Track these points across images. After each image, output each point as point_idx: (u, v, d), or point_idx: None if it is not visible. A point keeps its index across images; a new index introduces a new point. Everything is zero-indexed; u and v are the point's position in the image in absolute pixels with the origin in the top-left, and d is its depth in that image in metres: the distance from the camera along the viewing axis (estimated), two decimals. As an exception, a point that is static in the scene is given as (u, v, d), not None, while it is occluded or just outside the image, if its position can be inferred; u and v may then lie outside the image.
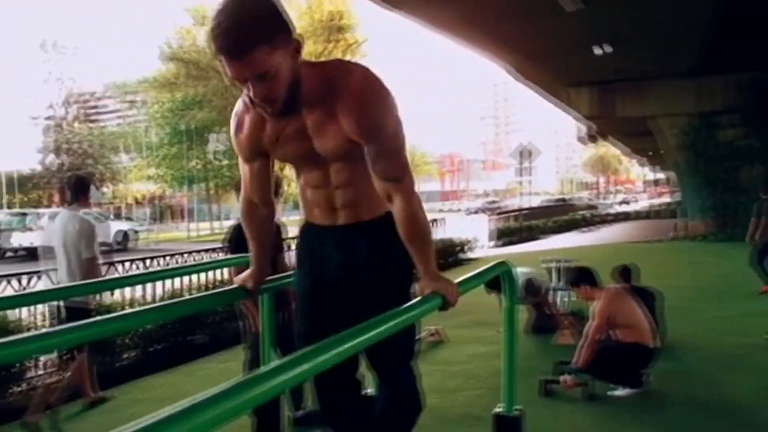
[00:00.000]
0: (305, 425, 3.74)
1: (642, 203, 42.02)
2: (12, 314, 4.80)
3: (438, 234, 12.70)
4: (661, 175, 50.53)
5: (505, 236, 16.27)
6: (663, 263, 10.55)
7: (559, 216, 21.65)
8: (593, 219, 23.60)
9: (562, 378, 4.07)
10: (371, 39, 22.86)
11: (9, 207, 35.45)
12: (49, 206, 35.38)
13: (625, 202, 46.52)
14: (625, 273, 5.03)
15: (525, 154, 17.86)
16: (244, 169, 1.70)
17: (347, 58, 21.09)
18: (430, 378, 4.62)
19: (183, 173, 27.14)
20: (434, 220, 13.72)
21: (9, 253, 18.55)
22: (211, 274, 6.29)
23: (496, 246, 15.42)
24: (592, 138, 22.37)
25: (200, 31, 21.30)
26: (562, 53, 12.69)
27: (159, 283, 5.81)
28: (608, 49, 11.65)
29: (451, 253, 11.46)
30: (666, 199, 38.90)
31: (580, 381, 3.99)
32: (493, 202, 52.27)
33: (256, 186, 1.72)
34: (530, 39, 11.79)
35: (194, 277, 6.32)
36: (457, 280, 1.88)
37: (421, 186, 62.23)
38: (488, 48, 13.44)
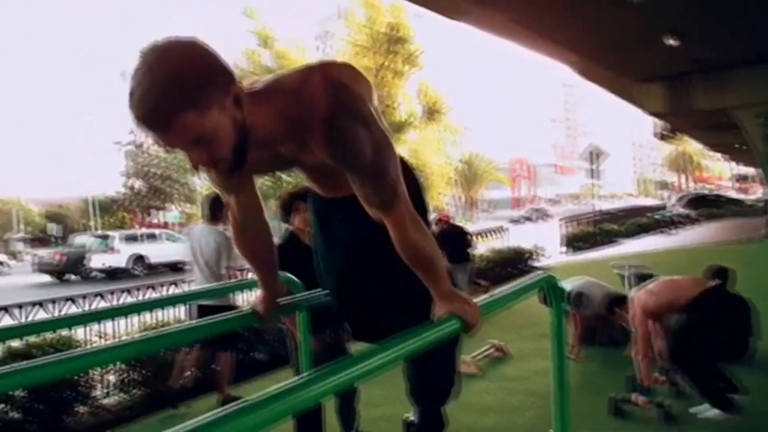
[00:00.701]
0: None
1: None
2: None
3: (504, 242, 12.35)
4: (751, 170, 47.53)
5: (578, 242, 15.64)
6: (754, 264, 9.75)
7: (637, 218, 20.65)
8: (675, 220, 22.34)
9: (633, 396, 3.73)
10: (430, 48, 22.73)
11: (95, 229, 37.43)
12: (131, 227, 37.20)
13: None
14: (720, 274, 4.50)
15: (595, 155, 17.15)
16: (225, 196, 1.58)
17: (406, 69, 21.10)
18: (491, 396, 4.40)
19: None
20: (499, 228, 13.36)
21: (93, 273, 19.53)
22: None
23: (568, 252, 14.82)
24: (665, 136, 21.27)
25: (264, 52, 21.81)
26: (628, 48, 12.10)
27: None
28: (678, 39, 10.98)
29: (519, 262, 11.06)
30: (758, 195, 36.44)
31: (653, 400, 3.65)
32: (539, 209, 49.70)
33: (243, 210, 1.57)
34: (592, 36, 11.31)
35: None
36: (494, 295, 1.71)
37: (489, 193, 61.30)
38: (549, 49, 13.04)
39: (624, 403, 3.74)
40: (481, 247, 11.15)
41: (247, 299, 5.08)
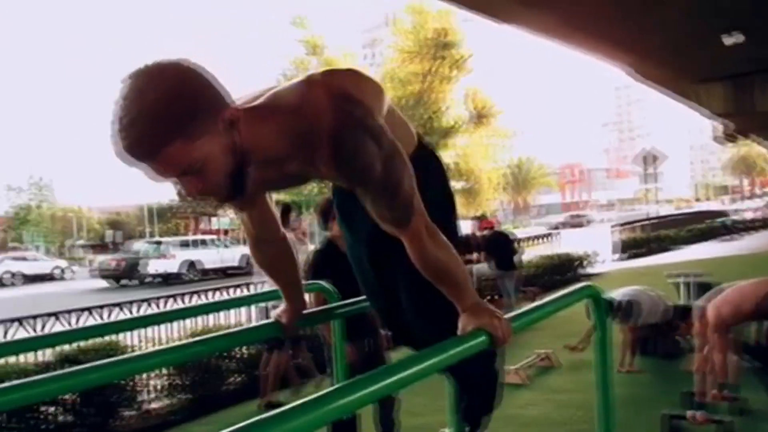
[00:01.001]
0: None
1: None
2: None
3: (553, 248, 12.06)
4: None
5: (632, 248, 15.12)
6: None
7: (695, 224, 19.86)
8: (735, 226, 21.38)
9: (690, 412, 3.53)
10: (479, 52, 22.49)
11: (150, 236, 38.59)
12: (185, 234, 38.21)
13: None
14: None
15: (649, 159, 16.59)
16: (236, 213, 1.53)
17: (453, 74, 20.94)
18: (537, 408, 4.25)
19: (301, 198, 28.22)
20: (548, 234, 13.06)
21: (148, 279, 20.10)
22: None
23: (621, 259, 14.34)
24: (729, 137, 20.34)
25: (312, 60, 22.07)
26: (686, 47, 11.62)
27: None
28: (740, 37, 10.48)
29: (569, 269, 10.76)
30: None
31: (713, 417, 3.43)
32: (578, 215, 47.22)
33: (257, 226, 1.51)
34: (646, 36, 10.92)
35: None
36: (529, 307, 1.62)
37: (540, 198, 60.25)
38: (601, 51, 12.68)
39: (679, 420, 3.54)
40: (530, 254, 10.91)
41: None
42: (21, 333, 4.69)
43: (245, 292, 6.05)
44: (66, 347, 4.46)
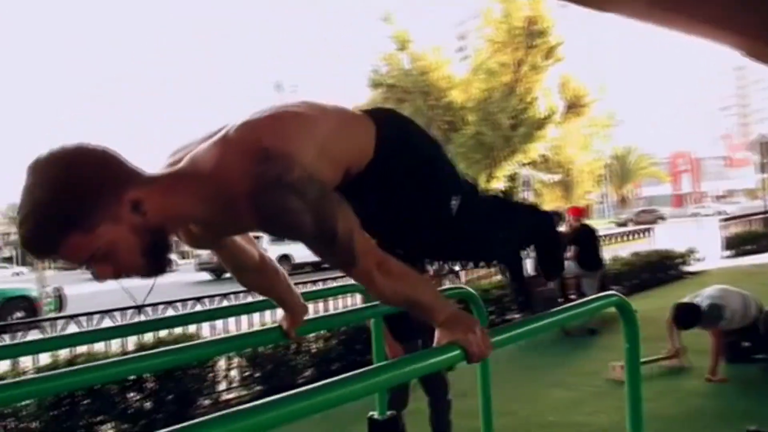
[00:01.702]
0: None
1: None
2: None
3: (651, 245, 11.38)
4: None
5: (742, 244, 13.94)
6: None
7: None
8: None
9: (774, 430, 3.21)
10: (575, 39, 21.58)
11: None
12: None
13: None
14: None
15: (765, 147, 15.24)
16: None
17: (545, 63, 20.23)
18: (605, 416, 4.04)
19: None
20: (646, 229, 12.35)
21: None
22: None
23: (729, 257, 13.27)
24: None
25: (402, 55, 22.16)
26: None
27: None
28: None
29: (668, 266, 10.10)
30: None
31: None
32: (648, 211, 41.72)
33: (228, 260, 1.51)
34: (756, 15, 10.02)
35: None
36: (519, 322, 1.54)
37: (646, 190, 56.98)
38: (707, 33, 11.78)
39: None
40: (624, 250, 10.37)
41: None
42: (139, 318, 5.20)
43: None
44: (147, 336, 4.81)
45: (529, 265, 2.21)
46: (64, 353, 4.43)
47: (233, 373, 5.35)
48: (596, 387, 4.72)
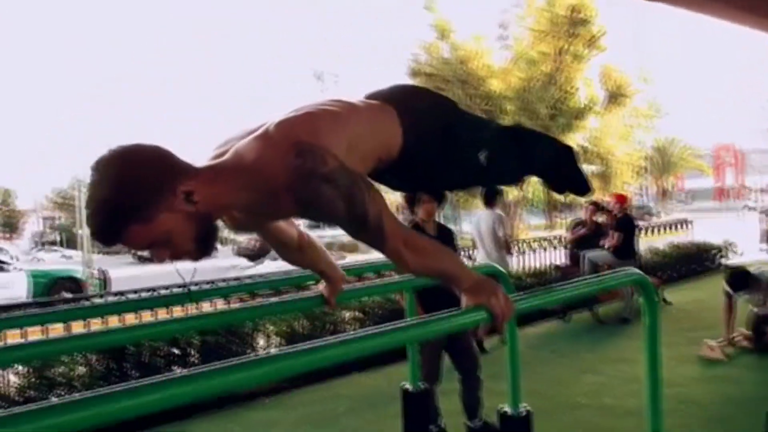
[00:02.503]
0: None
1: None
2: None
3: (689, 237, 11.26)
4: None
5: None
6: None
7: None
8: None
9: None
10: (620, 27, 21.20)
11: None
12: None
13: None
14: None
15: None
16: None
17: (587, 53, 19.95)
18: (633, 399, 4.13)
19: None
20: (684, 221, 12.19)
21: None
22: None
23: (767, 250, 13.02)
24: None
25: (442, 44, 22.11)
26: None
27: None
28: None
29: (704, 258, 10.00)
30: None
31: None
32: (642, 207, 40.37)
33: (273, 240, 1.68)
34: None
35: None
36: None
37: (689, 183, 55.58)
38: (754, 22, 11.48)
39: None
40: (662, 242, 10.30)
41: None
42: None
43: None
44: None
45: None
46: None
47: (272, 351, 5.57)
48: (625, 373, 4.81)
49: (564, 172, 1.81)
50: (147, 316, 4.22)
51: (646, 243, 9.39)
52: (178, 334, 4.46)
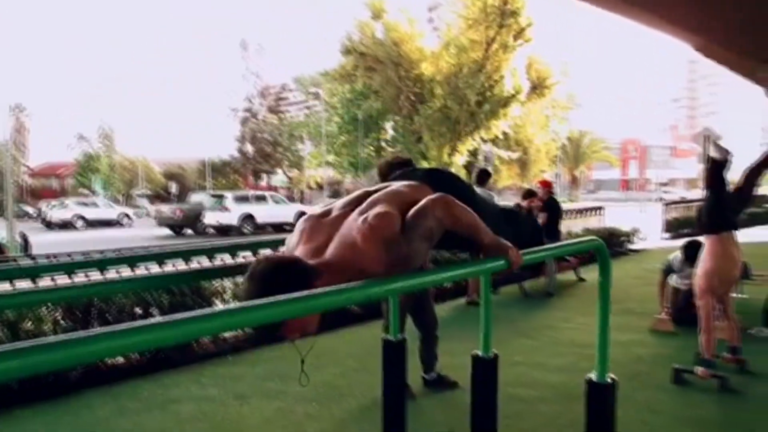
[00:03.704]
0: (434, 387, 4.13)
1: None
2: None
3: (601, 223, 12.32)
4: None
5: (681, 227, 15.14)
6: None
7: (753, 208, 19.45)
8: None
9: (696, 368, 3.98)
10: (543, 21, 22.28)
11: (209, 189, 40.11)
12: (241, 189, 39.56)
13: None
14: None
15: (707, 139, 16.34)
16: None
17: (515, 43, 20.89)
18: (560, 358, 4.77)
19: (355, 159, 28.86)
20: (597, 208, 13.28)
21: (208, 229, 21.27)
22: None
23: (669, 238, 14.43)
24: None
25: (375, 24, 22.34)
26: (753, 28, 11.45)
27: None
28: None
29: (614, 243, 11.03)
30: None
31: (714, 372, 3.88)
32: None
33: None
34: (712, 16, 10.83)
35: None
36: (542, 248, 2.16)
37: (596, 173, 59.12)
38: (665, 27, 12.55)
39: (685, 373, 4.00)
40: (578, 226, 11.24)
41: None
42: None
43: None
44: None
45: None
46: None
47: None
48: (552, 338, 5.47)
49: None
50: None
51: (563, 226, 10.24)
52: (141, 290, 4.65)
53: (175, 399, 4.00)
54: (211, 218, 21.11)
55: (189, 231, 21.79)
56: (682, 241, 6.24)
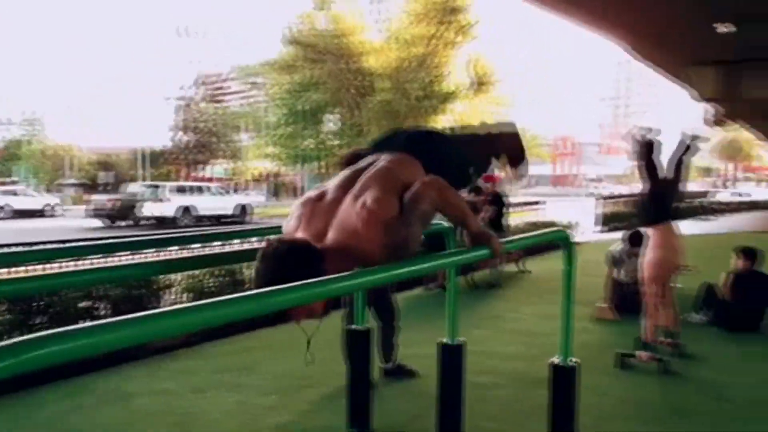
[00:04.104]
0: (393, 376, 4.20)
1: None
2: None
3: (541, 217, 12.75)
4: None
5: (613, 222, 15.86)
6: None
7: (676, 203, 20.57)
8: (712, 207, 22.25)
9: (638, 352, 4.23)
10: (487, 19, 22.69)
11: (143, 180, 38.79)
12: (177, 180, 38.48)
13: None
14: (748, 253, 5.17)
15: (639, 134, 17.18)
16: None
17: (459, 39, 21.20)
18: (512, 347, 4.95)
19: (297, 152, 28.59)
20: (536, 202, 13.73)
21: (143, 221, 20.62)
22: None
23: (602, 231, 15.11)
24: (718, 122, 20.96)
25: (319, 15, 22.14)
26: (681, 32, 12.12)
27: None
28: (732, 26, 11.01)
29: (553, 236, 11.46)
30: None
31: (655, 356, 4.14)
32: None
33: None
34: (643, 18, 11.40)
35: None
36: (515, 239, 2.27)
37: (531, 169, 60.81)
38: (599, 28, 13.07)
39: (628, 358, 4.24)
40: (518, 219, 11.58)
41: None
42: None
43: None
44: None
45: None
46: None
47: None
48: (501, 328, 5.66)
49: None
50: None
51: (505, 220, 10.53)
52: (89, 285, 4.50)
53: (132, 393, 3.92)
54: (147, 209, 20.45)
55: (123, 223, 21.04)
56: (620, 234, 6.57)
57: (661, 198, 4.28)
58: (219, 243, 4.04)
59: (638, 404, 3.74)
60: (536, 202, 13.78)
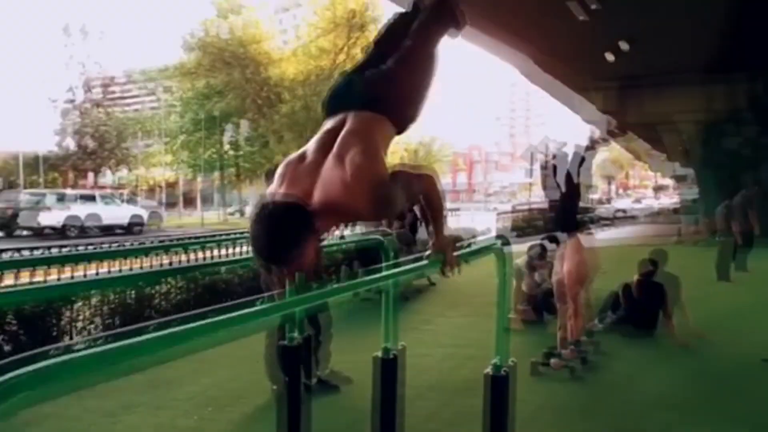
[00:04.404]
0: (327, 384, 4.20)
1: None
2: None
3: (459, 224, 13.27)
4: (668, 181, 50.66)
5: (512, 232, 16.74)
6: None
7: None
8: (597, 220, 24.04)
9: (551, 360, 4.49)
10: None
11: (24, 187, 36.03)
12: (63, 188, 36.00)
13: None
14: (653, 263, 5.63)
15: (535, 156, 18.24)
16: None
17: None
18: (431, 358, 5.08)
19: (198, 161, 27.75)
20: (454, 209, 14.26)
21: (19, 231, 19.11)
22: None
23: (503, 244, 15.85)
24: (611, 133, 22.33)
25: (223, 23, 21.69)
26: (577, 53, 13.00)
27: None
28: (625, 47, 11.98)
29: (458, 248, 11.91)
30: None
31: (565, 363, 4.41)
32: None
33: None
34: (545, 38, 12.14)
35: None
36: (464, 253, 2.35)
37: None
38: (506, 42, 13.50)
39: (540, 366, 4.50)
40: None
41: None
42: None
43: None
44: None
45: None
46: None
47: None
48: (415, 339, 5.73)
49: None
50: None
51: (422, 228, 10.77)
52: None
53: (48, 415, 3.63)
54: (28, 219, 18.99)
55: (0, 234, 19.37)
56: (527, 245, 6.92)
57: (571, 209, 4.57)
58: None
59: (554, 409, 3.93)
60: (455, 210, 14.34)
